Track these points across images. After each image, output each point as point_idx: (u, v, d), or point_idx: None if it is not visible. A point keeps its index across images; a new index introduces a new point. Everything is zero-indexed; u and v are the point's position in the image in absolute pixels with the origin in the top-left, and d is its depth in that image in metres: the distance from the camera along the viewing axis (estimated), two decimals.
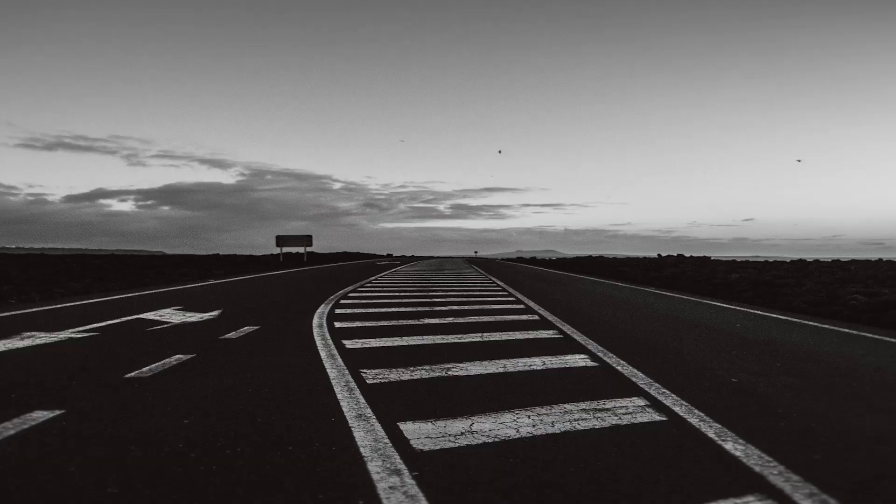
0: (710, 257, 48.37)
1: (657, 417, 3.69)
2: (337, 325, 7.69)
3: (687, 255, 49.96)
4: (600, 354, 5.72)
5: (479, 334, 6.91)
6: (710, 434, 3.38)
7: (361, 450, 3.06)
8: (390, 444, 3.14)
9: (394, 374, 4.78)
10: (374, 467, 2.83)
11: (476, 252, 76.39)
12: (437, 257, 62.88)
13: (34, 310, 9.06)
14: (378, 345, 6.20)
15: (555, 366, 5.18)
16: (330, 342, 6.32)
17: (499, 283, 16.96)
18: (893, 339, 7.10)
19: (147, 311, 8.91)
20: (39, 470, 2.77)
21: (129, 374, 4.68)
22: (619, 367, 5.13)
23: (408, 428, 3.43)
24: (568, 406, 3.90)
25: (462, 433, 3.35)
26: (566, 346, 6.25)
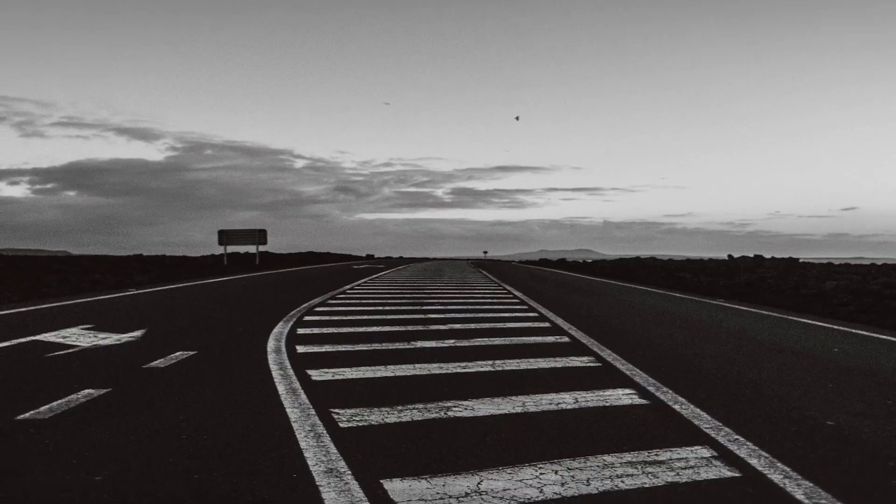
0: (797, 259, 48.47)
1: (728, 473, 3.69)
2: (300, 349, 7.69)
3: (767, 255, 50.03)
4: (651, 389, 5.72)
5: (490, 362, 6.91)
6: (799, 495, 3.38)
7: None
8: None
9: (376, 416, 4.77)
10: None
11: (485, 252, 76.51)
12: (435, 259, 62.97)
13: None
14: (355, 375, 6.19)
15: (591, 404, 5.17)
16: (291, 372, 6.32)
17: (515, 292, 16.98)
18: None
19: (46, 332, 8.91)
20: None
21: (21, 416, 4.67)
22: (676, 406, 5.13)
23: (394, 488, 3.43)
24: (608, 458, 3.90)
25: (467, 494, 3.35)
26: (606, 377, 6.25)
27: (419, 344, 8.13)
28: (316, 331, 9.29)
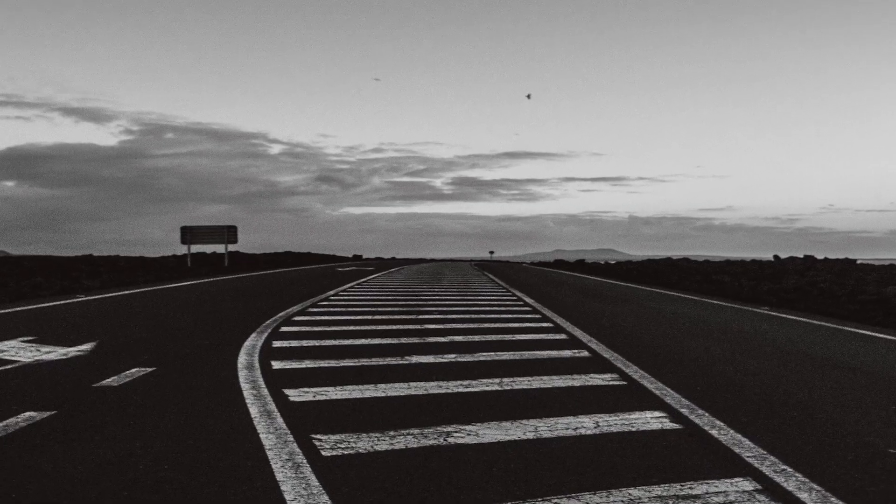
0: (854, 260, 48.52)
1: None
2: (276, 364, 7.69)
3: (819, 256, 50.10)
4: (684, 411, 5.72)
5: (497, 380, 6.91)
6: None
7: None
8: None
9: (364, 443, 4.77)
10: None
11: (491, 253, 76.60)
12: (433, 260, 63.05)
13: None
14: (339, 396, 6.19)
15: (614, 428, 5.17)
16: (265, 392, 6.31)
17: (526, 299, 16.98)
18: None
19: None
20: None
21: None
22: (713, 431, 5.13)
23: None
24: (635, 492, 3.90)
25: None
26: (632, 397, 6.25)
27: (414, 359, 8.13)
28: (294, 343, 9.29)
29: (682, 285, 24.94)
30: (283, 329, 10.77)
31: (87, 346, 8.83)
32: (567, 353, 8.75)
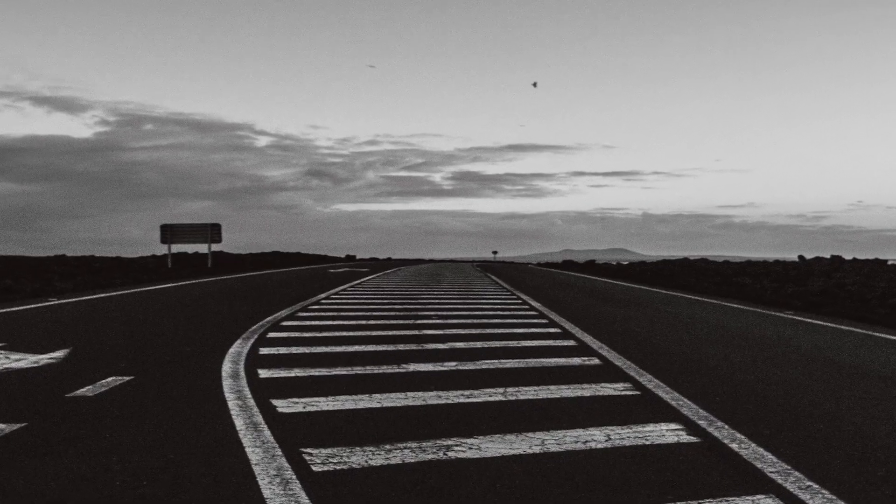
0: (885, 261, 48.50)
1: None
2: (263, 373, 7.69)
3: (847, 256, 50.08)
4: (702, 423, 5.72)
5: (500, 390, 6.92)
6: None
7: None
8: None
9: (358, 457, 4.77)
10: None
11: (495, 253, 76.58)
12: (432, 261, 63.11)
13: None
14: (331, 407, 6.20)
15: (627, 442, 5.18)
16: (251, 402, 6.32)
17: (532, 303, 17.00)
18: None
19: None
20: None
21: None
22: (733, 445, 5.13)
23: None
24: None
25: None
26: (646, 408, 6.26)
27: (412, 367, 8.14)
28: (283, 350, 9.29)
29: (700, 288, 24.94)
30: (271, 335, 10.78)
31: (59, 354, 8.83)
32: (576, 360, 8.75)
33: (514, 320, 13.21)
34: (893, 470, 4.65)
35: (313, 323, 12.42)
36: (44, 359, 8.49)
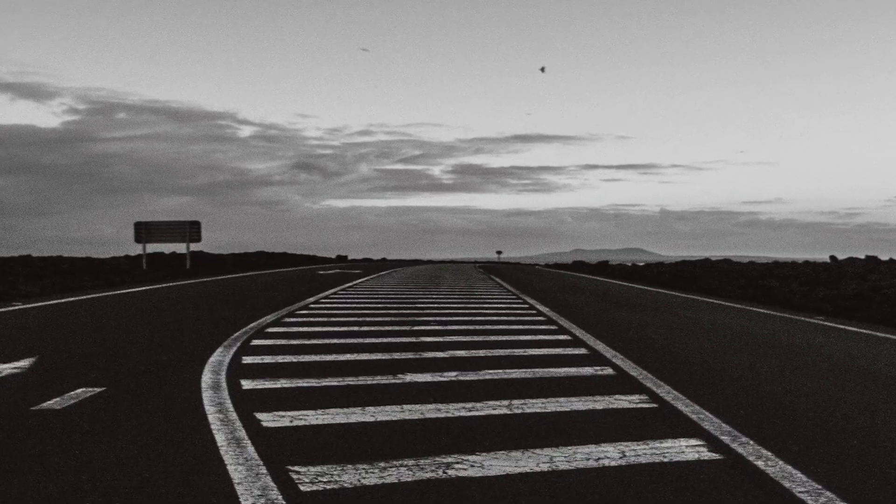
0: None
1: None
2: (247, 384, 7.71)
3: (883, 257, 50.04)
4: (725, 439, 5.74)
5: (505, 402, 6.94)
6: None
7: None
8: None
9: (350, 475, 4.79)
10: None
11: (499, 253, 76.60)
12: (430, 262, 63.10)
13: None
14: (321, 420, 6.21)
15: (643, 459, 5.19)
16: (234, 416, 6.34)
17: (539, 307, 17.01)
18: None
19: None
20: None
21: None
22: (759, 463, 5.15)
23: None
24: None
25: None
26: (664, 422, 6.27)
27: (409, 377, 8.15)
28: (268, 359, 9.31)
29: (723, 291, 24.95)
30: (255, 342, 10.79)
31: (24, 363, 8.84)
32: (588, 370, 8.77)
33: (520, 326, 13.23)
34: None
35: (301, 329, 12.43)
36: (7, 368, 8.49)
